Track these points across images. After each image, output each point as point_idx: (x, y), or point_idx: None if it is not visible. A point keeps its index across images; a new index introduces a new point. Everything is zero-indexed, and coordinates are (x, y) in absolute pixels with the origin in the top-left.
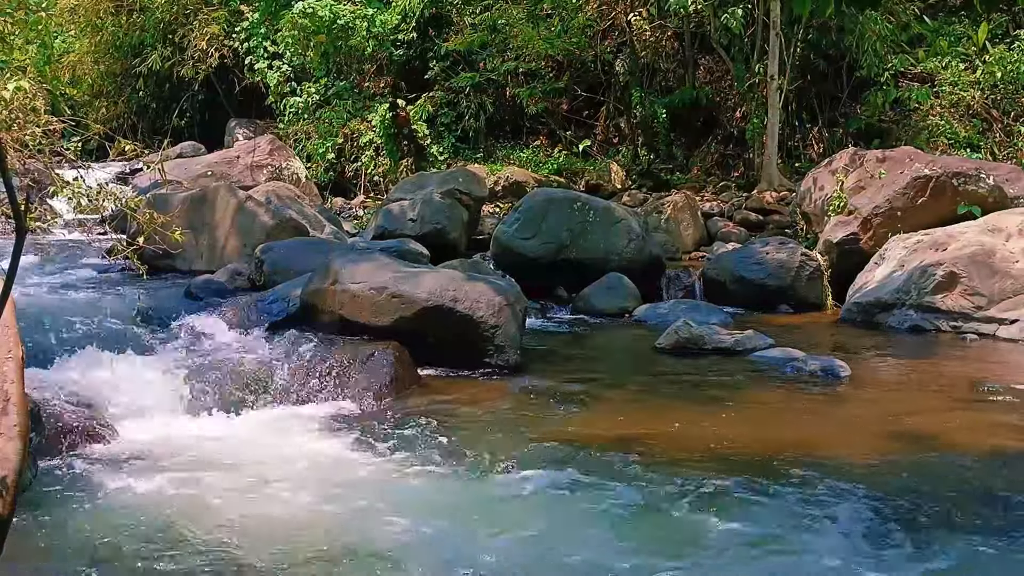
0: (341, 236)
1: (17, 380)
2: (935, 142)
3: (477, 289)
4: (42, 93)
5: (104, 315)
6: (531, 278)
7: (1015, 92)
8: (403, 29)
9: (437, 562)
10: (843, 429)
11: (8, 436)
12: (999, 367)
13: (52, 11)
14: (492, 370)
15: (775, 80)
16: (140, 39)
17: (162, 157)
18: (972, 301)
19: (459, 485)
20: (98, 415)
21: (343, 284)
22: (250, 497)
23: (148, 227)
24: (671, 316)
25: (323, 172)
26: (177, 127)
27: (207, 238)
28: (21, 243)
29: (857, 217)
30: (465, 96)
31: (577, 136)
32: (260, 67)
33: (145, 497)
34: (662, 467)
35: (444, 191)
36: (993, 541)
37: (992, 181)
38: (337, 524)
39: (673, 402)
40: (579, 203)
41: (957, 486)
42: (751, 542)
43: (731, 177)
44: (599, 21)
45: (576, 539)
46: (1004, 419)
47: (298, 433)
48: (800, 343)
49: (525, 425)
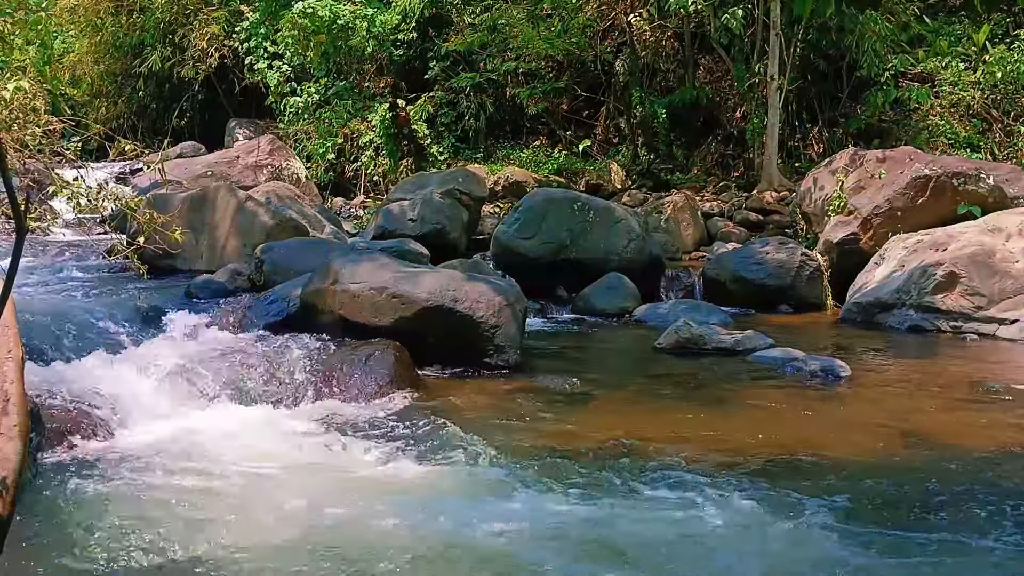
0: (341, 236)
1: (17, 380)
2: (935, 142)
3: (477, 289)
4: (42, 93)
5: (104, 315)
6: (531, 278)
7: (1015, 92)
8: (403, 29)
9: (436, 562)
10: (843, 429)
11: (8, 436)
12: (999, 367)
13: (52, 11)
14: (492, 370)
15: (775, 80)
16: (140, 39)
17: (162, 157)
18: (972, 301)
19: (459, 485)
20: (98, 415)
21: (343, 284)
22: (249, 497)
23: (148, 227)
24: (671, 316)
25: (323, 172)
26: (177, 127)
27: (207, 238)
28: (21, 243)
29: (857, 217)
30: (465, 96)
31: (577, 136)
32: (260, 67)
33: (145, 497)
34: (662, 467)
35: (444, 191)
36: (994, 541)
37: (992, 181)
38: (336, 524)
39: (673, 402)
40: (579, 203)
41: (957, 486)
42: (750, 542)
43: (731, 177)
44: (599, 21)
45: (576, 539)
46: (1004, 419)
47: (298, 433)
48: (800, 343)
49: (525, 425)
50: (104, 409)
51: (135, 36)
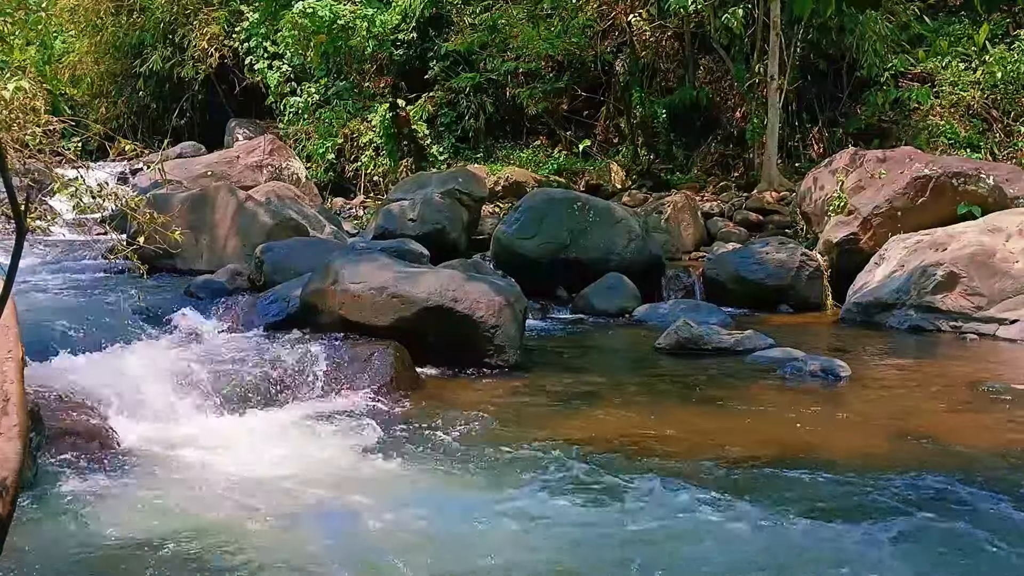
0: (341, 236)
1: (17, 380)
2: (935, 142)
3: (477, 289)
4: (42, 93)
5: (104, 315)
6: (531, 278)
7: (1015, 92)
8: (403, 29)
9: (436, 562)
10: (843, 429)
11: (8, 436)
12: (999, 367)
13: (52, 11)
14: (492, 370)
15: (775, 80)
16: (140, 39)
17: (162, 157)
18: (972, 301)
19: (459, 485)
20: (98, 415)
21: (343, 284)
22: (249, 497)
23: (148, 227)
24: (671, 316)
25: (323, 172)
26: (177, 127)
27: (207, 238)
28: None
29: (857, 217)
30: (465, 96)
31: (577, 136)
32: (260, 67)
33: (145, 497)
34: (662, 467)
35: (444, 191)
36: (994, 540)
37: (992, 181)
38: (336, 524)
39: (673, 402)
40: (579, 203)
41: (958, 486)
42: (750, 542)
43: (731, 177)
44: (599, 21)
45: (575, 539)
46: (1004, 419)
47: (297, 433)
48: (800, 343)
49: (525, 425)
50: (104, 409)
51: (135, 36)
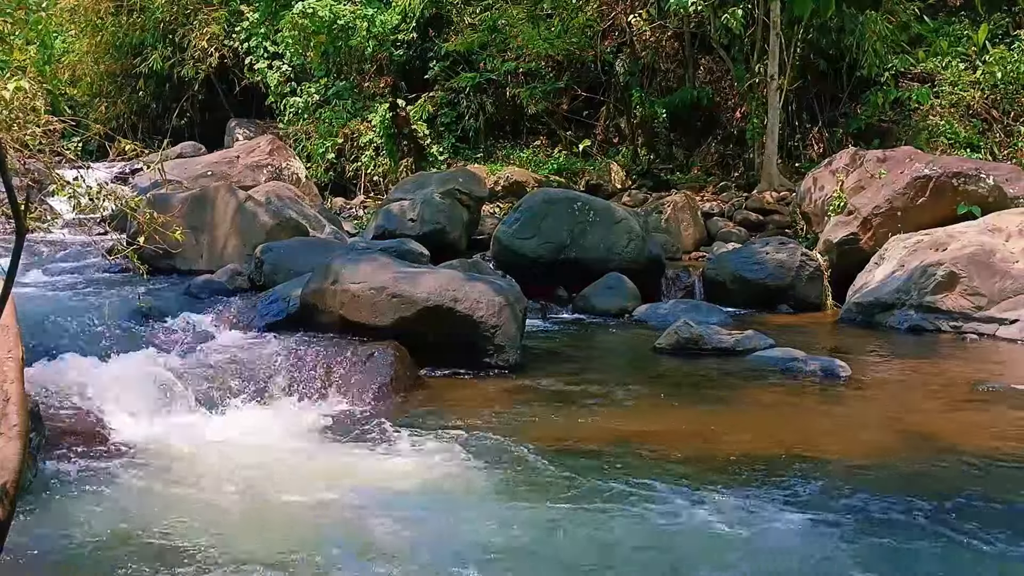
0: (341, 236)
1: (17, 380)
2: (935, 142)
3: (477, 289)
4: (42, 93)
5: (104, 315)
6: (531, 278)
7: (1015, 92)
8: (403, 29)
9: (436, 562)
10: (843, 429)
11: (8, 436)
12: (999, 367)
13: (52, 11)
14: (492, 370)
15: (775, 80)
16: (140, 39)
17: (162, 157)
18: (972, 301)
19: (459, 485)
20: (98, 415)
21: (343, 284)
22: (249, 496)
23: (148, 227)
24: (671, 316)
25: (323, 172)
26: (177, 127)
27: (207, 238)
28: (21, 243)
29: (857, 217)
30: (465, 96)
31: (577, 136)
32: (260, 67)
33: (145, 496)
34: (662, 467)
35: (444, 191)
36: (993, 541)
37: (992, 181)
38: (336, 524)
39: (673, 402)
40: (579, 203)
41: (957, 486)
42: (750, 541)
43: (731, 177)
44: (599, 21)
45: (575, 538)
46: (1004, 419)
47: (298, 433)
48: (800, 343)
49: (525, 425)
50: (104, 409)
51: (135, 36)
